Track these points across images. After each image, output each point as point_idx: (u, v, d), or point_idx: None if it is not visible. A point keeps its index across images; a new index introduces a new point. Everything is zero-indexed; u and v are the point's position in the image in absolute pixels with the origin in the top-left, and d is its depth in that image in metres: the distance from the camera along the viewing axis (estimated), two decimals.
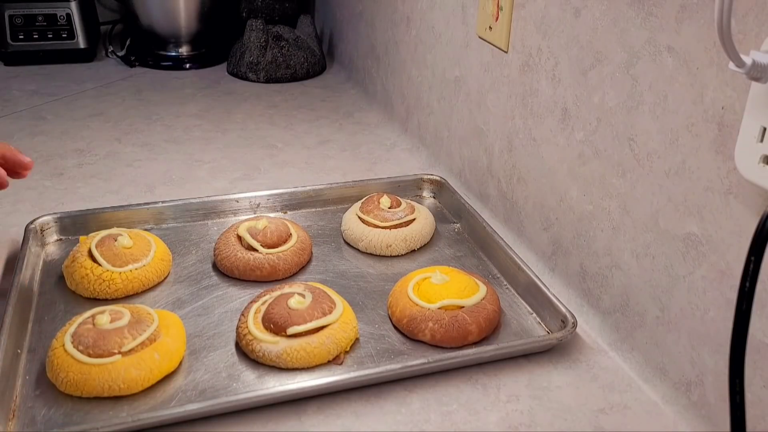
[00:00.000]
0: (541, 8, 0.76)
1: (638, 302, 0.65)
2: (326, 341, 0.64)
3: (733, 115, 0.52)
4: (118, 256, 0.74)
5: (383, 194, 0.87)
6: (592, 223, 0.71)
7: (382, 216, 0.83)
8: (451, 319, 0.67)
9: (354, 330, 0.67)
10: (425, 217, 0.86)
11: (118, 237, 0.75)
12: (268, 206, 0.91)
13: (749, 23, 0.50)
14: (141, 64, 1.47)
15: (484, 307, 0.68)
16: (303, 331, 0.64)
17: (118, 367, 0.60)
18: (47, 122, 1.17)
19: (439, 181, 0.95)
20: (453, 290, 0.69)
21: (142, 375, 0.60)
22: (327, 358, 0.64)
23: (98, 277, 0.72)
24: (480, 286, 0.71)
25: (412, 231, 0.83)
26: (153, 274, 0.75)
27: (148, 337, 0.62)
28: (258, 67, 1.40)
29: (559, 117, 0.74)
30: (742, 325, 0.42)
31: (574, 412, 0.62)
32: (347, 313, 0.68)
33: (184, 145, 1.11)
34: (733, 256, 0.54)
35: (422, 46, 1.06)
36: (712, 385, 0.57)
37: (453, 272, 0.73)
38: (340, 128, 1.20)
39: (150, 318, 0.65)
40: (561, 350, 0.69)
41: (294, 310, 0.65)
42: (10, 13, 1.40)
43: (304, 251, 0.79)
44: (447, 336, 0.67)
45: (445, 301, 0.68)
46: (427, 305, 0.68)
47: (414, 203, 0.88)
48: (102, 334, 0.61)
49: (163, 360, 0.62)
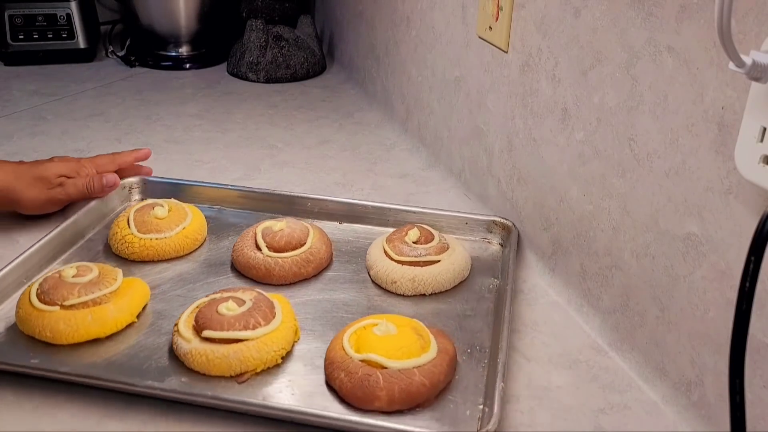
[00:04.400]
0: (541, 8, 0.76)
1: (638, 302, 0.65)
2: (231, 355, 0.62)
3: (733, 115, 0.52)
4: (146, 223, 0.80)
5: (414, 226, 0.80)
6: (592, 223, 0.71)
7: (399, 249, 0.76)
8: (363, 377, 0.59)
9: (276, 354, 0.63)
10: (453, 263, 0.76)
11: (156, 206, 0.82)
12: (328, 212, 0.88)
13: (749, 23, 0.50)
14: (141, 64, 1.47)
15: (411, 377, 0.59)
16: (216, 338, 0.62)
17: (52, 317, 0.65)
18: (47, 122, 1.18)
19: (509, 228, 0.83)
20: (388, 346, 0.61)
21: (68, 331, 0.65)
22: (227, 372, 0.62)
23: (122, 238, 0.80)
24: (430, 353, 0.61)
25: (424, 273, 0.74)
26: (170, 248, 0.79)
27: (92, 299, 0.67)
28: (258, 67, 1.40)
29: (559, 117, 0.74)
30: (742, 325, 0.42)
31: (574, 412, 0.62)
32: (276, 337, 0.64)
33: (184, 145, 1.11)
34: (733, 256, 0.54)
35: (422, 46, 1.07)
36: (712, 385, 0.57)
37: (408, 327, 0.64)
38: (340, 128, 1.20)
39: (110, 283, 0.69)
40: (561, 350, 0.69)
41: (219, 314, 0.64)
42: (10, 13, 1.40)
43: (309, 264, 0.77)
44: (351, 393, 0.59)
45: (369, 355, 0.60)
46: (352, 354, 0.61)
47: (456, 246, 0.79)
48: (58, 285, 0.67)
49: (93, 324, 0.66)
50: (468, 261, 0.79)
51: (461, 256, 0.78)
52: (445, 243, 0.78)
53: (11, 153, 1.06)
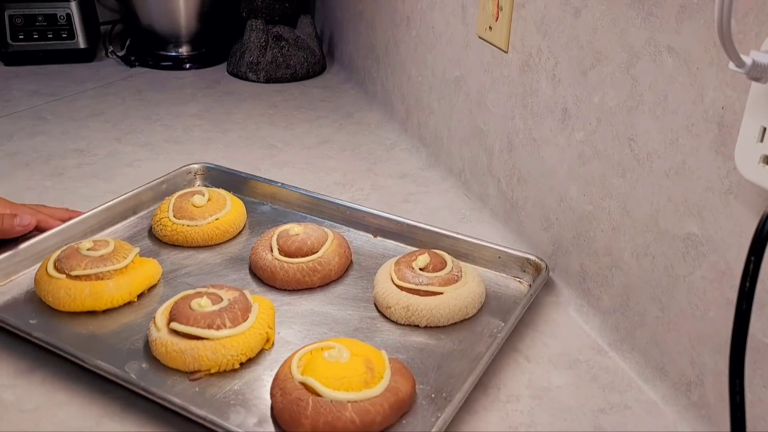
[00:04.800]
0: (541, 8, 0.76)
1: (638, 302, 0.65)
2: (187, 351, 0.62)
3: (733, 115, 0.52)
4: (182, 209, 0.83)
5: (427, 251, 0.75)
6: (592, 223, 0.71)
7: (403, 273, 0.72)
8: (294, 399, 0.56)
9: (233, 359, 0.63)
10: (456, 298, 0.70)
11: (196, 194, 0.84)
12: (365, 224, 0.86)
13: (749, 23, 0.50)
14: (141, 64, 1.47)
15: (342, 411, 0.55)
16: (180, 331, 0.63)
17: (56, 284, 0.70)
18: (47, 122, 1.18)
19: (540, 267, 0.75)
20: (330, 374, 0.57)
21: (66, 299, 0.69)
22: (182, 366, 0.62)
23: (159, 220, 0.83)
24: (372, 390, 0.57)
25: (420, 303, 0.69)
26: (199, 236, 0.82)
27: (95, 273, 0.70)
28: (258, 67, 1.40)
29: (559, 117, 0.74)
30: (742, 325, 0.42)
31: (574, 412, 0.62)
32: (237, 341, 0.63)
33: (184, 145, 1.11)
34: (733, 256, 0.54)
35: (422, 46, 1.07)
36: (712, 385, 0.57)
37: (361, 358, 0.59)
38: (340, 128, 1.20)
39: (117, 261, 0.72)
40: (561, 350, 0.69)
41: (190, 309, 0.64)
42: (10, 13, 1.40)
43: (314, 273, 0.75)
44: (280, 413, 0.57)
45: (308, 379, 0.57)
46: (295, 374, 0.58)
47: (471, 281, 0.72)
48: (72, 255, 0.72)
49: (90, 297, 0.69)
50: (477, 298, 0.72)
51: (470, 293, 0.71)
52: (456, 274, 0.72)
53: (11, 153, 1.06)
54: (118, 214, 0.87)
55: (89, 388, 0.62)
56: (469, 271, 0.75)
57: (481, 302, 0.73)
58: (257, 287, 0.76)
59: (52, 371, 0.64)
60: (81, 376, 0.63)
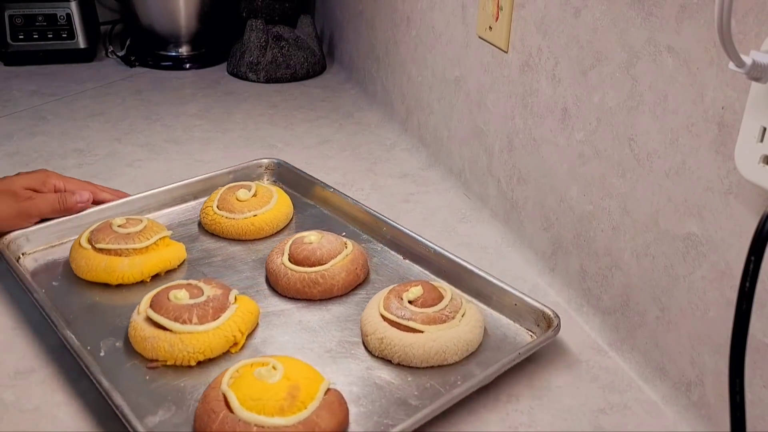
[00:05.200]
0: (541, 8, 0.76)
1: (638, 302, 0.65)
2: (149, 339, 0.64)
3: (733, 115, 0.52)
4: (226, 201, 0.85)
5: (420, 283, 0.69)
6: (592, 223, 0.71)
7: (389, 302, 0.67)
8: (208, 409, 0.55)
9: (189, 355, 0.63)
10: (436, 340, 0.64)
11: (242, 189, 0.86)
12: (397, 243, 0.82)
13: (749, 23, 0.50)
14: (141, 64, 1.47)
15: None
16: (151, 319, 0.64)
17: (81, 253, 0.75)
18: (47, 122, 1.17)
19: (550, 321, 0.67)
20: (250, 391, 0.55)
21: (85, 269, 0.74)
22: (143, 353, 0.64)
23: (205, 208, 0.87)
24: (285, 420, 0.54)
25: (393, 338, 0.64)
26: (233, 230, 0.84)
27: (114, 249, 0.74)
28: (258, 67, 1.40)
29: (559, 117, 0.74)
30: (742, 325, 0.42)
31: (574, 412, 0.62)
32: (197, 339, 0.63)
33: (184, 145, 1.11)
34: (733, 256, 0.54)
35: (422, 46, 1.07)
36: (712, 385, 0.57)
37: (288, 383, 0.56)
38: (340, 128, 1.20)
39: (140, 240, 0.75)
40: (561, 350, 0.69)
41: (167, 299, 0.66)
42: (10, 13, 1.40)
43: (315, 285, 0.73)
44: (195, 419, 0.56)
45: (229, 392, 0.56)
46: (223, 384, 0.57)
47: (466, 325, 0.66)
48: (103, 229, 0.77)
49: (103, 271, 0.74)
50: (462, 345, 0.65)
51: (454, 337, 0.65)
52: (446, 314, 0.66)
53: (11, 153, 1.06)
54: (178, 197, 0.91)
55: (89, 388, 0.62)
56: (471, 313, 0.68)
57: (467, 350, 0.65)
58: (265, 289, 0.75)
59: (52, 371, 0.65)
60: (81, 377, 0.63)
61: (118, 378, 0.62)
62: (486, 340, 0.68)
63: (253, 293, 0.74)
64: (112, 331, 0.68)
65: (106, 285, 0.74)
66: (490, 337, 0.69)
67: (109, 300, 0.73)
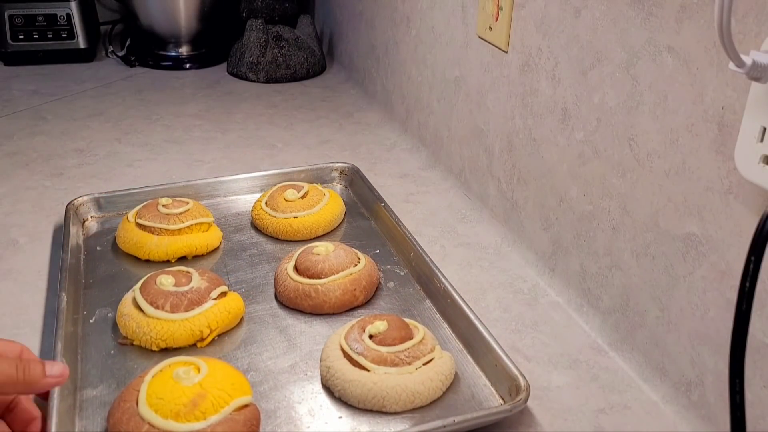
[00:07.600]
0: (541, 8, 0.76)
1: (638, 302, 0.65)
2: (123, 316, 0.66)
3: (733, 115, 0.52)
4: (274, 199, 0.87)
5: (387, 318, 0.64)
6: (592, 223, 0.71)
7: (350, 333, 0.63)
8: (120, 397, 0.55)
9: (152, 340, 0.64)
10: (377, 383, 0.58)
11: (290, 189, 0.87)
12: (419, 273, 0.77)
13: (749, 23, 0.50)
14: (141, 64, 1.47)
15: (139, 428, 0.53)
16: (136, 300, 0.67)
17: (124, 225, 0.80)
18: (47, 122, 1.17)
19: (519, 388, 0.60)
20: (158, 389, 0.55)
21: (122, 240, 0.79)
22: (120, 329, 0.66)
23: (257, 203, 0.88)
24: (179, 426, 0.52)
25: (336, 371, 0.60)
26: (271, 227, 0.85)
27: (149, 227, 0.78)
28: (258, 67, 1.40)
29: (559, 117, 0.74)
30: (742, 325, 0.42)
31: (574, 412, 0.62)
32: (163, 327, 0.64)
33: (184, 145, 1.11)
34: (733, 256, 0.54)
35: (422, 46, 1.07)
36: (712, 385, 0.57)
37: (200, 391, 0.55)
38: (340, 128, 1.20)
39: (175, 223, 0.79)
40: (561, 350, 0.69)
41: (154, 283, 0.68)
42: (10, 13, 1.40)
43: (306, 298, 0.71)
44: (110, 413, 0.56)
45: (143, 386, 0.55)
46: (144, 382, 0.56)
47: (423, 372, 0.60)
48: (148, 207, 0.81)
49: (134, 245, 0.78)
50: (407, 396, 0.59)
51: (399, 385, 0.59)
52: (403, 358, 0.60)
53: (11, 153, 1.06)
54: (245, 188, 0.94)
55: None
56: (438, 364, 0.61)
57: (411, 402, 0.59)
58: (270, 292, 0.75)
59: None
60: None
61: (88, 345, 0.66)
62: (448, 396, 0.61)
63: (256, 293, 0.74)
64: (113, 302, 0.71)
65: (137, 259, 0.79)
66: (456, 394, 0.62)
67: (128, 273, 0.77)
